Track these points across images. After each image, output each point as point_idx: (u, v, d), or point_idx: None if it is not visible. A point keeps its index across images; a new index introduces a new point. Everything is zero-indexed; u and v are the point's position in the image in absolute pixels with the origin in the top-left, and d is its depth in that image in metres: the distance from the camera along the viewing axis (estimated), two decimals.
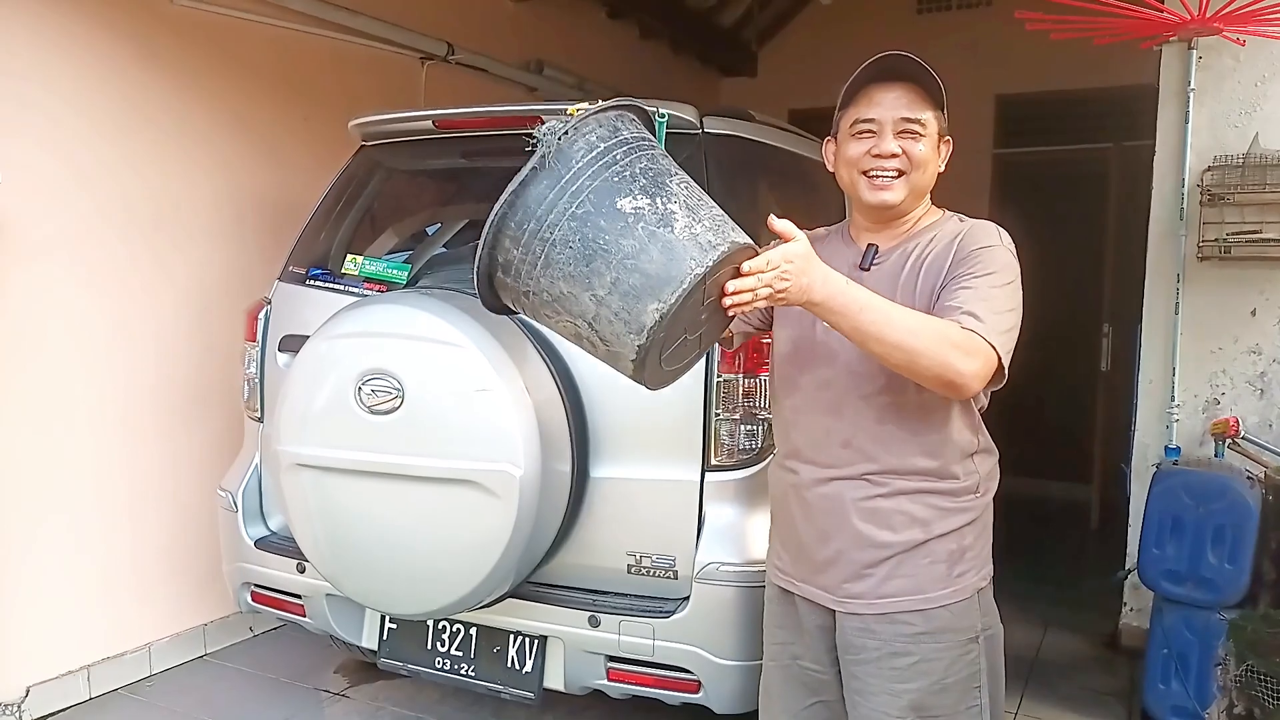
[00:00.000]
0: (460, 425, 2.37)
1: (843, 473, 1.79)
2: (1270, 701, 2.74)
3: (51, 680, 3.22)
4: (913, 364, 1.57)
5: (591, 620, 2.49)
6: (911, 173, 1.77)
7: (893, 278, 1.78)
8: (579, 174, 1.49)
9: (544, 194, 1.49)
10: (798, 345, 1.86)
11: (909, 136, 1.76)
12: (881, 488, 1.76)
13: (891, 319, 1.57)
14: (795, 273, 1.51)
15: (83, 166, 3.21)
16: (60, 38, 3.12)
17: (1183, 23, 3.20)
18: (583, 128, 1.53)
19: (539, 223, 1.48)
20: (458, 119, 2.92)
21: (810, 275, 1.52)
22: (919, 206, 1.83)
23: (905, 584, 1.77)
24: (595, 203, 1.45)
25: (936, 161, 1.80)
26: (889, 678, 1.78)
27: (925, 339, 1.57)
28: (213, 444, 3.57)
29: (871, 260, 1.81)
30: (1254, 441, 3.30)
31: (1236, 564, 2.90)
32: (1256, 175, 3.28)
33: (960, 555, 1.79)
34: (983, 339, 1.60)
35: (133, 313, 3.41)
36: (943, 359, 1.57)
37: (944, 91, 1.78)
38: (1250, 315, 3.41)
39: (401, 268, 2.84)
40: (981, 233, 1.77)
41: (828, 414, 1.80)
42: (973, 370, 1.59)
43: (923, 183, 1.79)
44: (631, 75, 6.14)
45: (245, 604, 3.03)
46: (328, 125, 3.74)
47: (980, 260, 1.70)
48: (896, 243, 1.82)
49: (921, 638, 1.77)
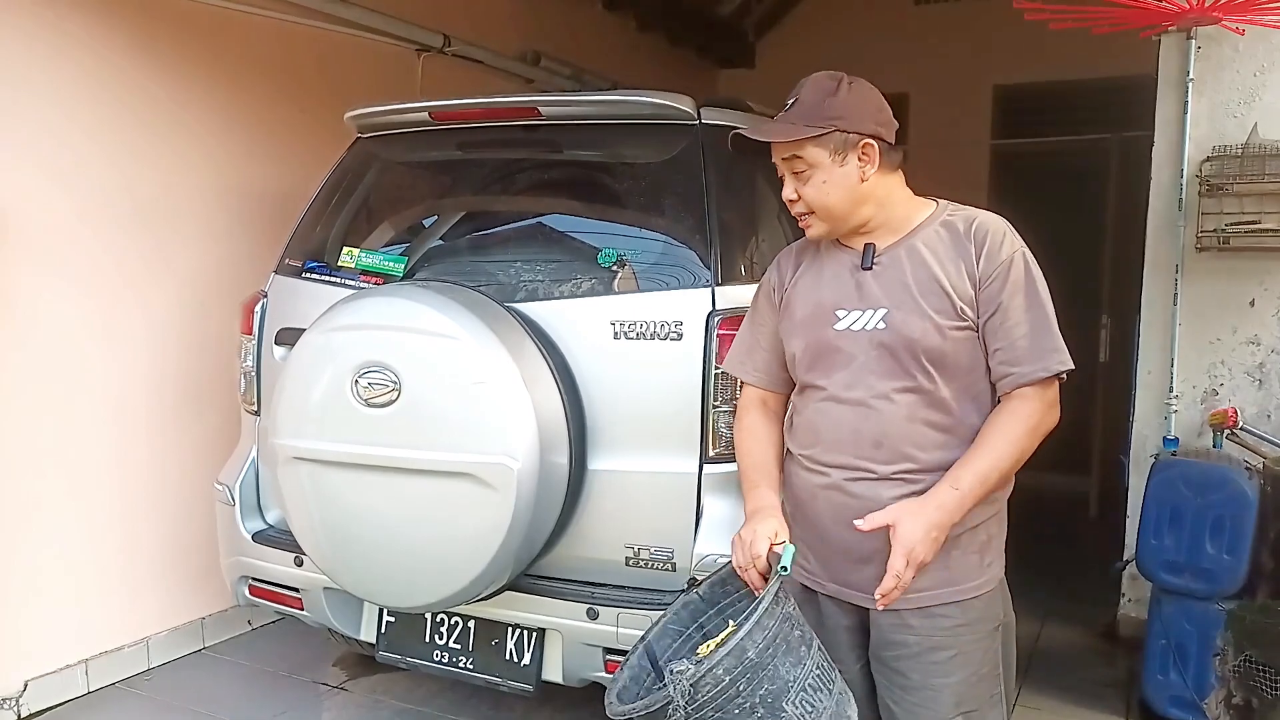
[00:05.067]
0: (457, 418, 2.37)
1: (877, 472, 1.78)
2: (1268, 692, 2.74)
3: (49, 674, 3.22)
4: (1029, 452, 1.74)
5: (590, 612, 2.48)
6: (817, 210, 1.81)
7: (901, 280, 1.78)
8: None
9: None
10: (815, 352, 1.86)
11: (797, 178, 1.81)
12: (916, 485, 1.75)
13: (1001, 465, 1.71)
14: (920, 548, 1.64)
15: (77, 160, 3.20)
16: (54, 31, 3.10)
17: (1181, 12, 3.19)
18: (714, 668, 1.55)
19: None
20: (454, 111, 2.91)
21: (927, 529, 1.65)
22: (887, 208, 1.82)
23: (941, 576, 1.77)
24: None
25: (847, 180, 1.77)
26: (930, 672, 1.78)
27: (1027, 441, 1.72)
28: (210, 438, 3.56)
29: (872, 259, 1.81)
30: (1252, 432, 3.30)
31: (1235, 555, 2.90)
32: (1255, 165, 3.27)
33: (988, 545, 1.82)
34: (1051, 376, 1.73)
35: (129, 306, 3.40)
36: (1042, 434, 1.74)
37: (818, 109, 1.75)
38: (1249, 306, 3.41)
39: (398, 260, 2.83)
40: (995, 236, 1.77)
41: (855, 415, 1.79)
42: (1057, 412, 1.76)
43: (840, 209, 1.79)
44: (629, 67, 6.12)
45: (243, 598, 3.02)
46: (323, 117, 3.72)
47: (1013, 279, 1.74)
48: (895, 240, 1.82)
49: (960, 630, 1.79)
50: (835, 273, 1.86)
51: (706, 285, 2.46)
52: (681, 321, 2.44)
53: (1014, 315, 1.73)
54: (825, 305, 1.85)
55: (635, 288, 2.56)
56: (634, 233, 2.74)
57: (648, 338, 2.46)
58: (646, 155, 2.74)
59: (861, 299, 1.81)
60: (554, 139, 2.88)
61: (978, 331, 1.76)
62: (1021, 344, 1.72)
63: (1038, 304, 1.74)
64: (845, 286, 1.84)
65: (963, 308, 1.74)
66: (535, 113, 2.77)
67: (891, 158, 1.81)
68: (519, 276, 2.66)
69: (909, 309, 1.76)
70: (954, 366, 1.76)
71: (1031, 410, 1.72)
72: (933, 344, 1.74)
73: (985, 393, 1.79)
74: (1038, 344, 1.72)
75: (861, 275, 1.82)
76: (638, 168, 2.78)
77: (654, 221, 2.71)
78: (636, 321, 2.47)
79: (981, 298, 1.74)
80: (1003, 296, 1.73)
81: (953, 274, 1.75)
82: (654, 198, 2.74)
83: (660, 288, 2.54)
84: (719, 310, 2.43)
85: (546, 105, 2.77)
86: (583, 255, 2.68)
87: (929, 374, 1.75)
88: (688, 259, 2.55)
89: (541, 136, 2.86)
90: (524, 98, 2.87)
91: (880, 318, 1.78)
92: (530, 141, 2.88)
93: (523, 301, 2.57)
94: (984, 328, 1.75)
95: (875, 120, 1.78)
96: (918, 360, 1.75)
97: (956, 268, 1.75)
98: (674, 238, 2.64)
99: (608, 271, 2.58)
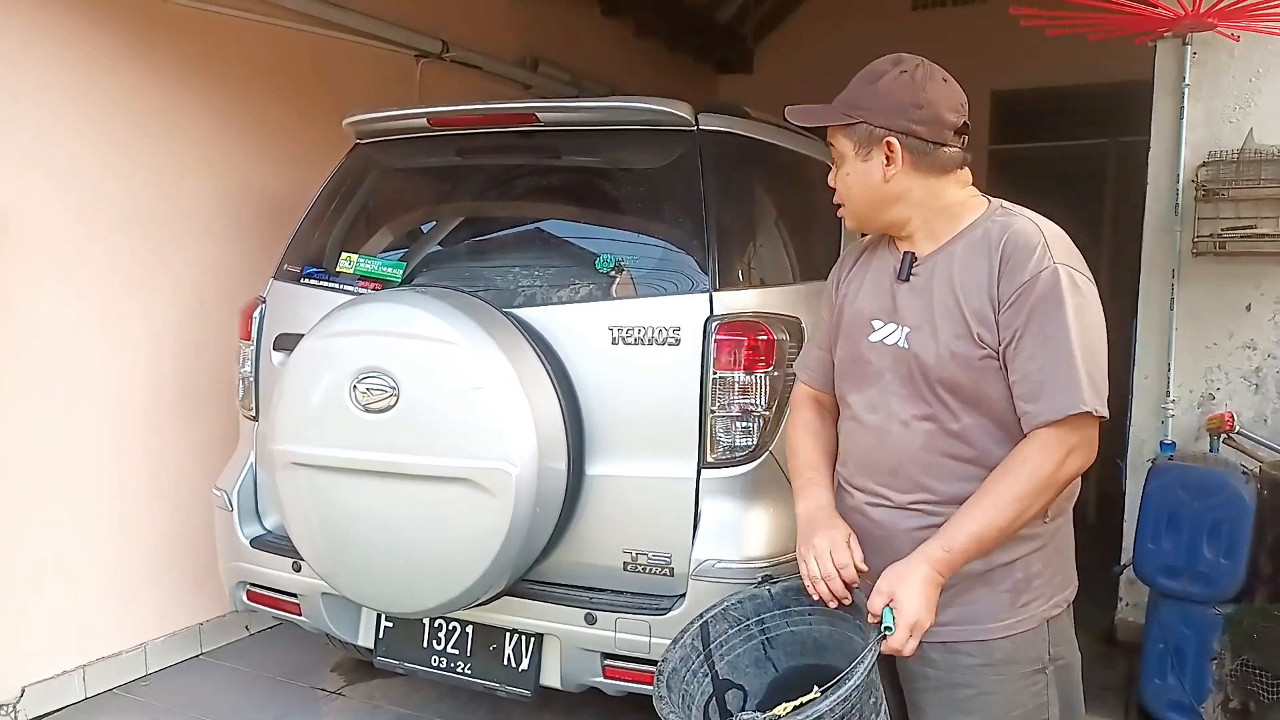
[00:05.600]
0: (456, 423, 2.37)
1: (892, 500, 1.69)
2: (1266, 695, 2.74)
3: (47, 680, 3.22)
4: (1047, 502, 1.57)
5: (588, 618, 2.48)
6: (844, 202, 1.73)
7: (927, 296, 1.64)
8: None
9: None
10: (849, 362, 1.77)
11: (836, 164, 1.72)
12: (934, 517, 1.63)
13: (1000, 523, 1.54)
14: (924, 618, 1.52)
15: (75, 164, 3.20)
16: (52, 37, 3.10)
17: (1177, 18, 3.21)
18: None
19: None
20: (452, 116, 2.92)
21: (923, 596, 1.52)
22: (925, 212, 1.66)
23: (963, 613, 1.65)
24: None
25: (868, 178, 1.66)
26: (948, 707, 1.69)
27: (1035, 496, 1.54)
28: (208, 443, 3.56)
29: (909, 270, 1.68)
30: (1249, 436, 3.30)
31: (1232, 559, 2.90)
32: (1251, 170, 3.28)
33: (1026, 584, 1.65)
34: (1075, 416, 1.52)
35: (128, 312, 3.40)
36: (1060, 483, 1.57)
37: (854, 96, 1.66)
38: (1245, 310, 3.41)
39: (396, 266, 2.83)
40: (1025, 250, 1.57)
41: (873, 439, 1.71)
42: (1085, 455, 1.57)
43: (860, 207, 1.70)
44: (627, 72, 6.13)
45: (241, 603, 3.02)
46: (322, 123, 3.73)
47: (1037, 300, 1.54)
48: (936, 249, 1.67)
49: (981, 669, 1.66)
50: (878, 279, 1.74)
51: (704, 291, 2.46)
52: (679, 327, 2.44)
53: (1029, 344, 1.54)
54: (864, 314, 1.74)
55: (633, 293, 2.56)
56: (632, 238, 2.74)
57: (645, 343, 2.47)
58: (644, 161, 2.75)
59: (894, 312, 1.69)
60: (552, 145, 2.89)
61: (999, 359, 1.58)
62: (1037, 378, 1.53)
63: (1061, 331, 1.52)
64: (884, 296, 1.72)
65: (979, 332, 1.58)
66: (533, 118, 2.78)
67: (931, 159, 1.64)
68: (517, 282, 2.66)
69: (927, 331, 1.63)
70: (975, 398, 1.61)
71: (1045, 459, 1.53)
72: (947, 373, 1.60)
73: (1017, 425, 1.60)
74: (1055, 379, 1.52)
75: (898, 286, 1.69)
76: (636, 173, 2.79)
77: (652, 227, 2.72)
78: (634, 327, 2.48)
79: (1001, 320, 1.56)
80: (1021, 320, 1.54)
81: (972, 292, 1.59)
82: (652, 203, 2.75)
83: (658, 293, 2.54)
84: (716, 315, 2.43)
85: (544, 111, 2.77)
86: (581, 260, 2.68)
87: (945, 404, 1.62)
88: (685, 264, 2.55)
89: (540, 142, 2.86)
90: (522, 103, 2.87)
91: (904, 336, 1.66)
92: (528, 147, 2.89)
93: (521, 307, 2.57)
94: (1003, 355, 1.57)
95: (908, 116, 1.62)
96: (932, 388, 1.63)
97: (978, 285, 1.59)
98: (672, 243, 2.65)
99: (606, 277, 2.58)
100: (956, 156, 1.68)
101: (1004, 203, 1.70)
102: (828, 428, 1.89)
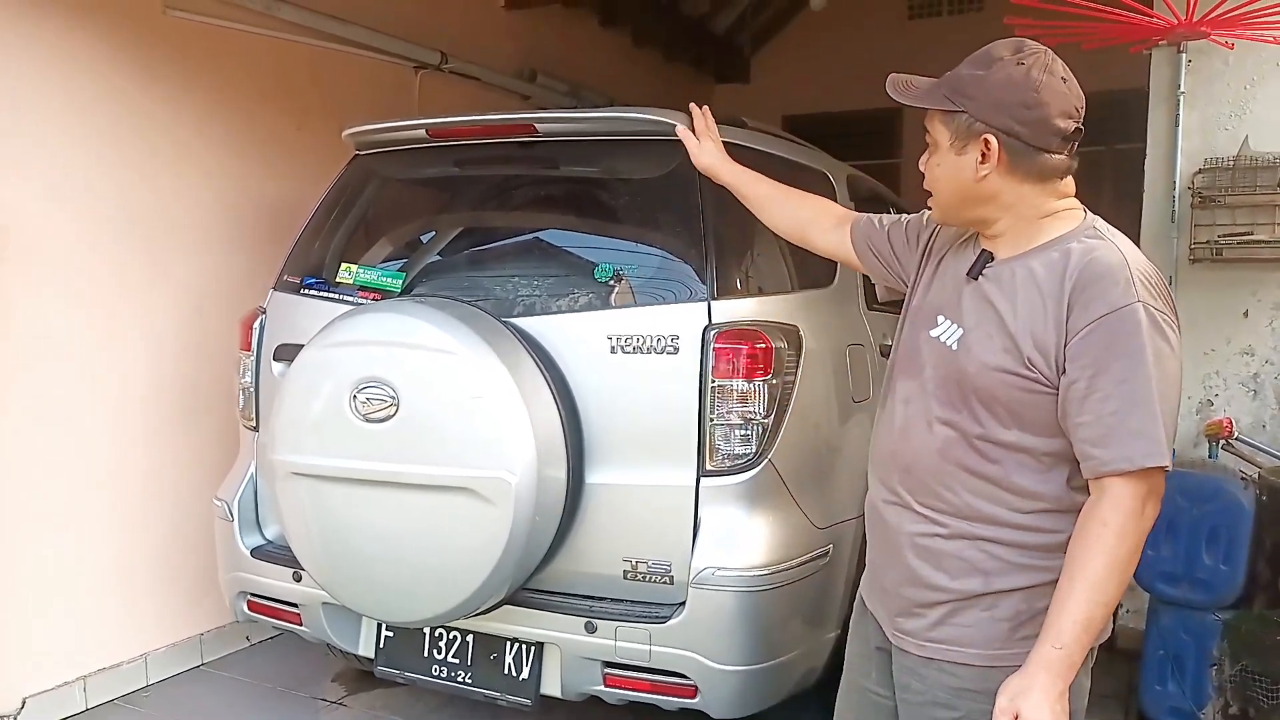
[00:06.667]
0: (455, 432, 2.38)
1: (902, 500, 1.64)
2: (1265, 701, 2.74)
3: (47, 691, 3.21)
4: (1137, 561, 1.48)
5: (588, 626, 2.48)
6: (933, 195, 1.63)
7: (991, 304, 1.55)
8: None
9: None
10: (904, 349, 1.70)
11: (928, 149, 1.62)
12: (941, 527, 1.58)
13: (1105, 597, 1.44)
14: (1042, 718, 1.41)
15: (76, 176, 3.21)
16: (52, 49, 3.12)
17: (1171, 27, 3.22)
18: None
19: None
20: (451, 128, 2.93)
21: (1050, 705, 1.41)
22: (1014, 217, 1.55)
23: (958, 634, 1.58)
24: None
25: (960, 173, 1.55)
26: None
27: (1128, 559, 1.45)
28: (208, 453, 3.56)
29: (980, 270, 1.58)
30: (1248, 442, 3.31)
31: (1231, 565, 2.91)
32: (1247, 177, 3.30)
33: (1030, 617, 1.53)
34: (1143, 470, 1.42)
35: (128, 323, 3.41)
36: (1141, 539, 1.46)
37: (961, 82, 1.56)
38: (1243, 316, 3.42)
39: (396, 276, 2.84)
40: (1104, 281, 1.44)
41: (897, 433, 1.66)
42: (1157, 505, 1.47)
43: (946, 200, 1.61)
44: (624, 83, 6.16)
45: (242, 613, 3.02)
46: (321, 135, 3.75)
47: (1114, 337, 1.42)
48: (1014, 255, 1.56)
49: (966, 694, 1.56)
50: (954, 273, 1.65)
51: (702, 299, 2.47)
52: (678, 335, 2.45)
53: (1105, 384, 1.42)
54: (931, 305, 1.67)
55: (632, 302, 2.57)
56: (630, 247, 2.75)
57: (644, 352, 2.48)
58: (642, 170, 2.76)
59: (957, 311, 1.60)
60: (550, 155, 2.90)
61: (1055, 391, 1.47)
62: (1109, 421, 1.41)
63: (1142, 375, 1.40)
64: (951, 292, 1.63)
65: (1030, 356, 1.48)
66: (532, 129, 2.79)
67: (1029, 164, 1.52)
68: (516, 291, 2.67)
69: (979, 339, 1.54)
70: (1010, 417, 1.52)
71: (1127, 516, 1.42)
72: (984, 384, 1.52)
73: (1052, 464, 1.52)
74: (1130, 425, 1.41)
75: (966, 285, 1.59)
76: (634, 183, 2.80)
77: (650, 236, 2.73)
78: (633, 335, 2.49)
79: (1069, 353, 1.45)
80: (1094, 357, 1.42)
81: (1037, 315, 1.48)
82: (650, 213, 2.76)
83: (656, 302, 2.55)
84: (715, 324, 2.44)
85: (543, 122, 2.79)
86: (579, 270, 2.69)
87: (974, 414, 1.54)
88: (684, 273, 2.56)
89: (538, 153, 2.88)
90: (520, 114, 2.89)
91: (957, 338, 1.58)
92: (527, 158, 2.90)
93: (520, 316, 2.58)
94: (1066, 392, 1.45)
95: (1013, 115, 1.50)
96: (965, 396, 1.55)
97: (1044, 310, 1.47)
98: (670, 252, 2.66)
99: (604, 286, 2.59)
100: (1059, 165, 1.54)
101: (1098, 222, 1.57)
102: (802, 204, 2.14)
